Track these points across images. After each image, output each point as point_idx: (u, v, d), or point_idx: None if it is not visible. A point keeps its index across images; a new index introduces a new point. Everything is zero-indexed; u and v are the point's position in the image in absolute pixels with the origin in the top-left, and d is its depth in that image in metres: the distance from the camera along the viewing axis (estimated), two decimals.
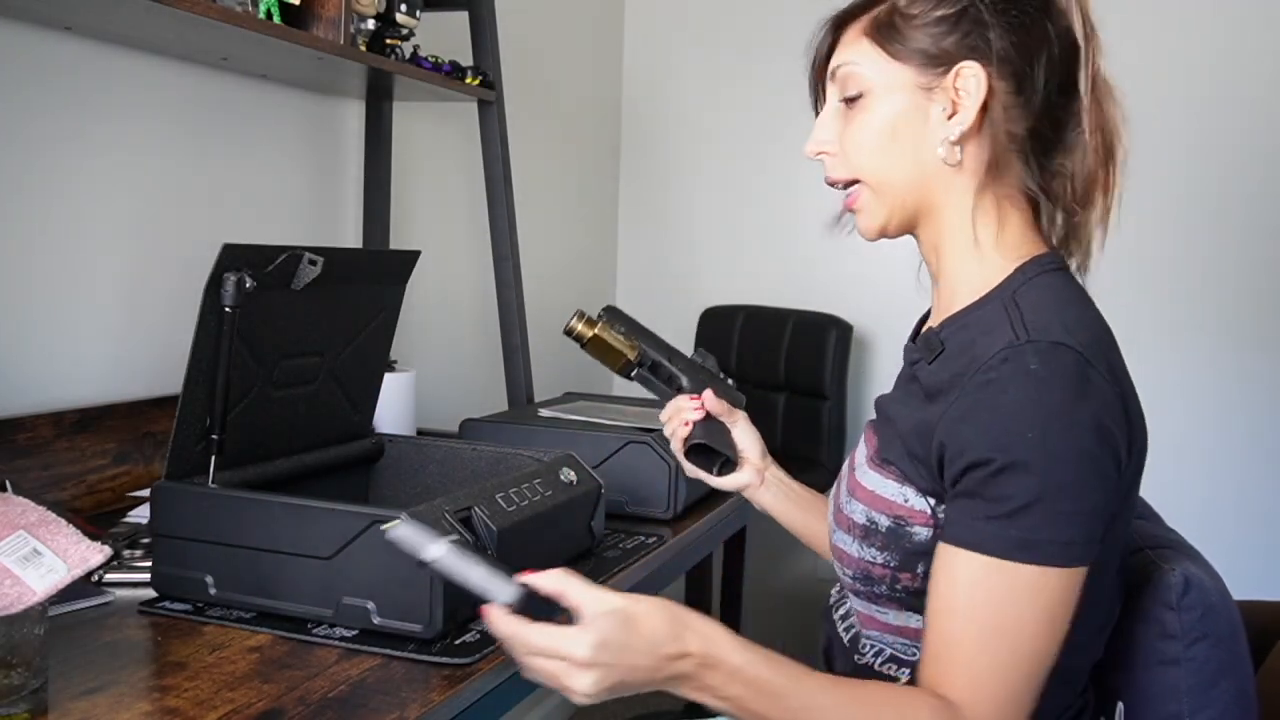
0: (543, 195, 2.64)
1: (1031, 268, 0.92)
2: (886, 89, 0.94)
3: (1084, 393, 0.82)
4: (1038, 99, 0.91)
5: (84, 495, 1.37)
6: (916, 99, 0.93)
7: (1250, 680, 0.92)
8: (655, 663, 0.79)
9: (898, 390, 1.01)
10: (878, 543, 0.92)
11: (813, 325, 2.74)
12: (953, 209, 0.95)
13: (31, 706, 0.81)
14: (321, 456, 1.27)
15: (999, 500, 0.81)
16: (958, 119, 0.91)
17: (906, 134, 0.93)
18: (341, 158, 1.94)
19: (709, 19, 2.96)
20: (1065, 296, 0.90)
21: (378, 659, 0.95)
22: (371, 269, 1.30)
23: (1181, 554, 0.96)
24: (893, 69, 0.93)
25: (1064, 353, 0.83)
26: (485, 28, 1.93)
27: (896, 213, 0.97)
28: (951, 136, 0.91)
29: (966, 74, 0.91)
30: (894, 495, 0.92)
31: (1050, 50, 0.91)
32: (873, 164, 0.95)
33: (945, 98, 0.92)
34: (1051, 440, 0.80)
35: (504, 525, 1.06)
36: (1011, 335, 0.85)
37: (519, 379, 2.01)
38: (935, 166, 0.93)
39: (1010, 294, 0.90)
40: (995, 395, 0.83)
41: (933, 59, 0.92)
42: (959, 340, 0.91)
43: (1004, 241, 0.94)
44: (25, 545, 0.85)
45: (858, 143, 0.96)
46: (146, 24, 1.35)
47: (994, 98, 0.91)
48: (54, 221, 1.40)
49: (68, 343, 1.43)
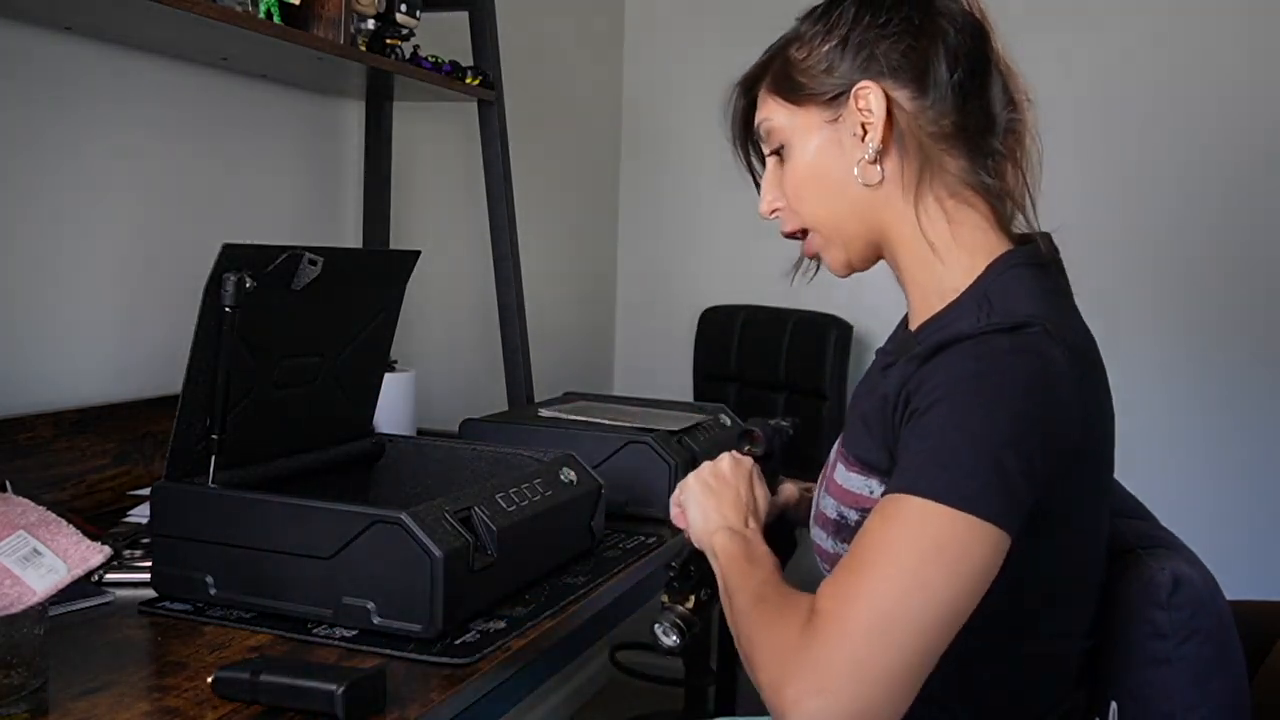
0: (543, 195, 2.64)
1: (1000, 265, 0.92)
2: (802, 135, 0.98)
3: (1032, 359, 0.82)
4: (948, 93, 0.92)
5: (84, 495, 1.37)
6: (828, 134, 0.96)
7: (1243, 678, 0.92)
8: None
9: (862, 387, 1.04)
10: (848, 536, 0.93)
11: (813, 325, 2.74)
12: (900, 224, 0.95)
13: (31, 706, 0.81)
14: (321, 456, 1.27)
15: (914, 438, 0.82)
16: (867, 139, 0.94)
17: (831, 170, 0.97)
18: (341, 158, 1.94)
19: (709, 19, 2.96)
20: (1039, 288, 0.90)
21: (378, 659, 0.95)
22: (371, 269, 1.30)
23: (1172, 552, 0.96)
24: (800, 114, 0.97)
25: (1027, 329, 0.84)
26: (485, 28, 1.93)
27: (852, 246, 1.00)
28: (867, 157, 0.93)
29: (864, 94, 0.93)
30: (860, 489, 0.93)
31: (946, 41, 0.93)
32: (813, 209, 1.00)
33: (854, 122, 0.94)
34: (984, 392, 0.80)
35: (504, 525, 1.06)
36: (978, 318, 0.87)
37: (519, 379, 2.01)
38: (863, 190, 0.95)
39: (982, 292, 0.90)
40: (948, 358, 0.84)
41: (830, 93, 0.95)
42: (935, 341, 0.91)
43: (963, 240, 0.94)
44: (25, 545, 0.85)
45: (796, 193, 1.00)
46: (146, 24, 1.35)
47: (896, 107, 0.93)
48: (54, 221, 1.40)
49: (68, 343, 1.43)
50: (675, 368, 3.05)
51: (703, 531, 1.01)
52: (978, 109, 0.93)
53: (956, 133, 0.93)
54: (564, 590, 1.16)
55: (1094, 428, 0.88)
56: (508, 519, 1.08)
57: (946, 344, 0.85)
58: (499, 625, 1.04)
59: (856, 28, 0.94)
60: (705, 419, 1.67)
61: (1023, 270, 0.92)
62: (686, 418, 1.66)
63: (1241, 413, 2.57)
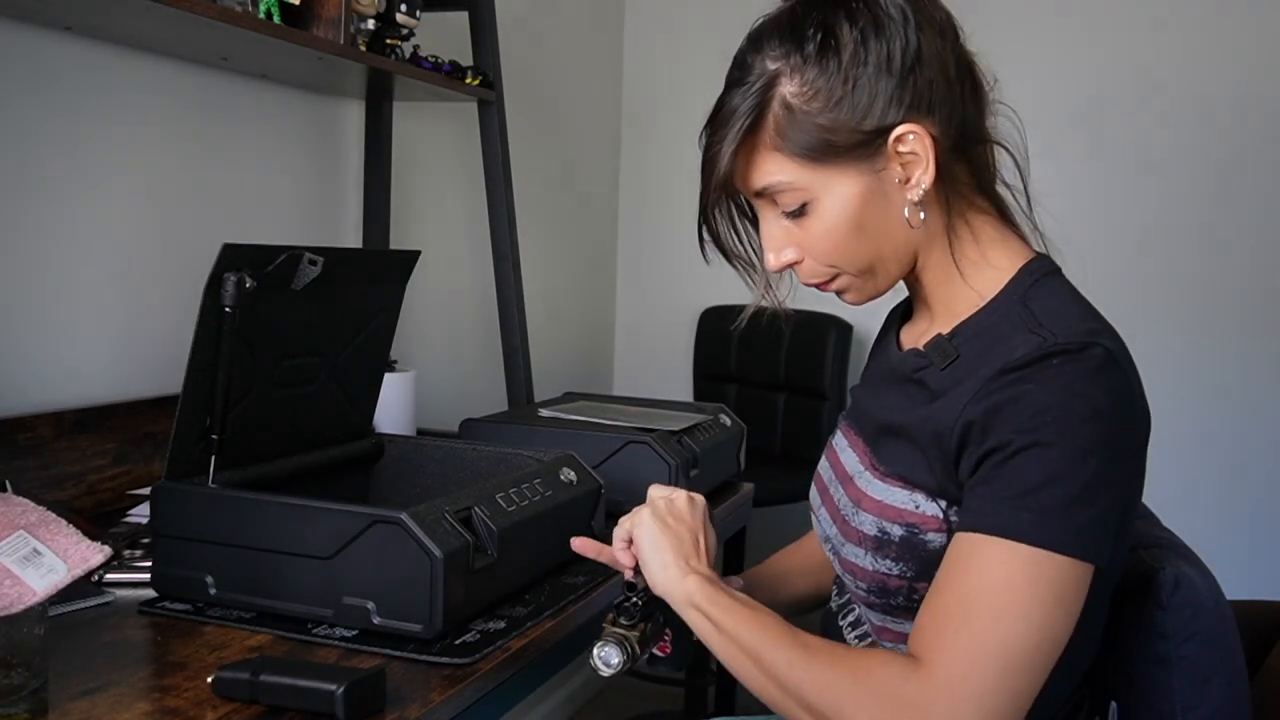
0: (543, 195, 2.64)
1: (1033, 269, 0.92)
2: (830, 190, 0.89)
3: (1110, 387, 0.82)
4: (957, 102, 0.90)
5: (84, 495, 1.37)
6: (867, 183, 0.89)
7: (1243, 679, 0.92)
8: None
9: (888, 393, 0.99)
10: (892, 553, 0.91)
11: (813, 325, 2.74)
12: (934, 250, 0.94)
13: (31, 706, 0.81)
14: (321, 456, 1.27)
15: (1012, 481, 0.80)
16: (915, 182, 0.89)
17: (872, 220, 0.90)
18: (341, 158, 1.94)
19: (709, 19, 2.96)
20: (1076, 299, 0.91)
21: (378, 659, 0.95)
22: (371, 269, 1.30)
23: (1173, 553, 0.96)
24: (827, 171, 0.89)
25: (1093, 349, 0.83)
26: (485, 28, 1.93)
27: (885, 283, 0.96)
28: (915, 198, 0.89)
29: (908, 139, 0.87)
30: (903, 503, 0.91)
31: (943, 55, 0.89)
32: (849, 259, 0.93)
33: (894, 166, 0.89)
34: (1073, 426, 0.80)
35: (504, 525, 1.06)
36: (1038, 339, 0.84)
37: (519, 379, 2.01)
38: (908, 232, 0.92)
39: (1019, 297, 0.90)
40: (1024, 389, 0.82)
41: (862, 145, 0.88)
42: (975, 346, 0.90)
43: (987, 253, 0.94)
44: (25, 545, 0.85)
45: (825, 248, 0.92)
46: (146, 24, 1.35)
47: (936, 142, 0.88)
48: (54, 221, 1.40)
49: (68, 343, 1.43)
50: (675, 368, 3.05)
51: (668, 578, 0.93)
52: (973, 112, 0.93)
53: (962, 139, 0.91)
54: (564, 590, 1.16)
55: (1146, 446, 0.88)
56: (508, 519, 1.08)
57: (1012, 369, 0.83)
58: (499, 625, 1.04)
59: (870, 62, 0.86)
60: (705, 419, 1.67)
61: (1054, 280, 0.92)
62: (686, 418, 1.66)
63: (1242, 412, 2.57)
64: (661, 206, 3.08)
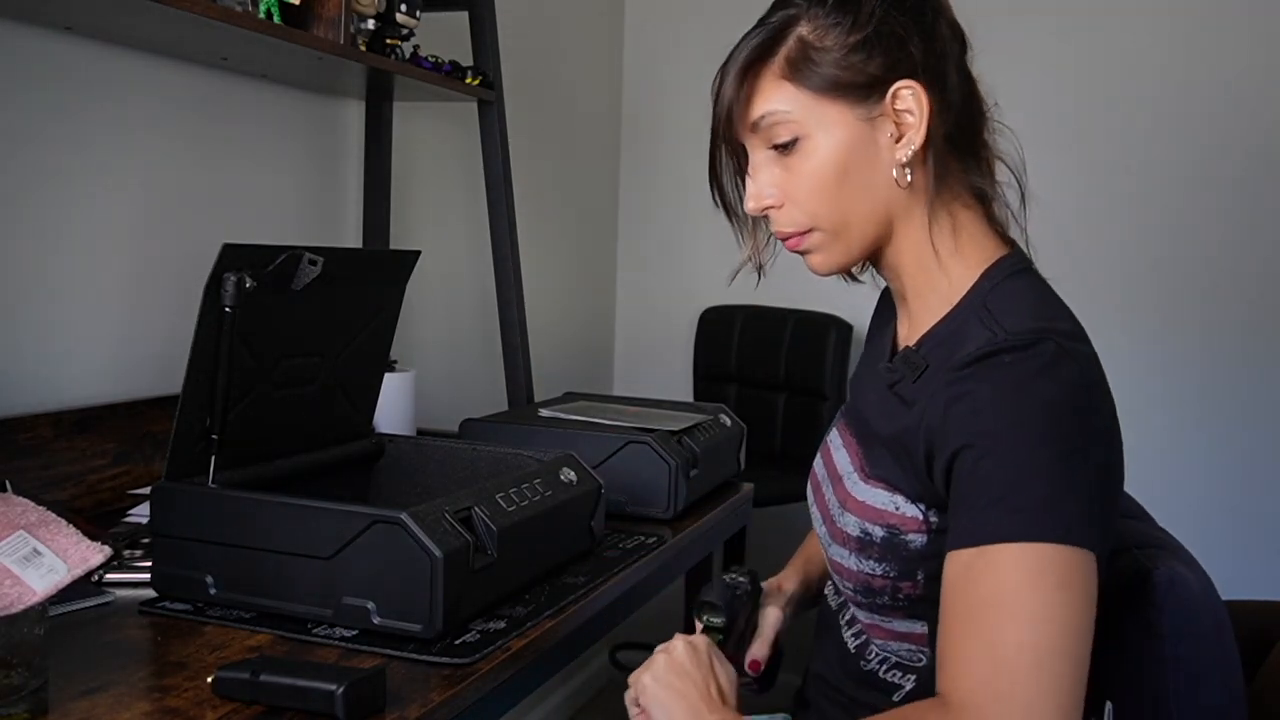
0: (542, 195, 2.65)
1: (995, 273, 0.92)
2: (824, 129, 0.91)
3: (1063, 378, 0.82)
4: (957, 96, 0.91)
5: (84, 495, 1.37)
6: (859, 131, 0.90)
7: (1239, 679, 0.92)
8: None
9: (875, 399, 1.00)
10: (874, 554, 0.92)
11: (813, 325, 2.74)
12: (910, 228, 0.94)
13: (31, 706, 0.81)
14: (321, 456, 1.27)
15: (984, 490, 0.81)
16: (906, 141, 0.90)
17: (857, 169, 0.91)
18: (341, 158, 1.94)
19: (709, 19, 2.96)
20: (1036, 294, 0.91)
21: (378, 659, 0.95)
22: (371, 269, 1.30)
23: (1168, 553, 0.96)
24: (825, 107, 0.90)
25: (1042, 342, 0.83)
26: (485, 28, 1.93)
27: (856, 248, 0.95)
28: (903, 159, 0.90)
29: (905, 95, 0.89)
30: (885, 504, 0.92)
31: (952, 47, 0.92)
32: (829, 208, 0.93)
33: (887, 122, 0.90)
34: (1030, 424, 0.80)
35: (504, 525, 1.06)
36: (989, 334, 0.85)
37: (519, 379, 2.01)
38: (889, 193, 0.92)
39: (980, 301, 0.90)
40: (973, 388, 0.83)
41: (865, 88, 0.90)
42: (940, 354, 0.91)
43: (962, 247, 0.94)
44: (25, 545, 0.85)
45: (808, 190, 0.92)
46: (146, 24, 1.35)
47: (932, 108, 0.90)
48: (53, 221, 1.40)
49: (68, 343, 1.43)
50: (675, 368, 3.06)
51: None
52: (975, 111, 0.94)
53: (958, 135, 0.93)
54: (564, 590, 1.16)
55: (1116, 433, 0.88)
56: (508, 519, 1.08)
57: (961, 365, 0.84)
58: (499, 625, 1.04)
59: (887, 20, 0.89)
60: (705, 419, 1.67)
61: (1020, 279, 0.92)
62: (686, 418, 1.66)
63: (1238, 411, 2.57)
64: (661, 206, 3.08)
